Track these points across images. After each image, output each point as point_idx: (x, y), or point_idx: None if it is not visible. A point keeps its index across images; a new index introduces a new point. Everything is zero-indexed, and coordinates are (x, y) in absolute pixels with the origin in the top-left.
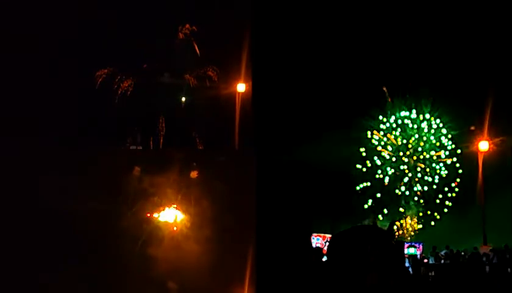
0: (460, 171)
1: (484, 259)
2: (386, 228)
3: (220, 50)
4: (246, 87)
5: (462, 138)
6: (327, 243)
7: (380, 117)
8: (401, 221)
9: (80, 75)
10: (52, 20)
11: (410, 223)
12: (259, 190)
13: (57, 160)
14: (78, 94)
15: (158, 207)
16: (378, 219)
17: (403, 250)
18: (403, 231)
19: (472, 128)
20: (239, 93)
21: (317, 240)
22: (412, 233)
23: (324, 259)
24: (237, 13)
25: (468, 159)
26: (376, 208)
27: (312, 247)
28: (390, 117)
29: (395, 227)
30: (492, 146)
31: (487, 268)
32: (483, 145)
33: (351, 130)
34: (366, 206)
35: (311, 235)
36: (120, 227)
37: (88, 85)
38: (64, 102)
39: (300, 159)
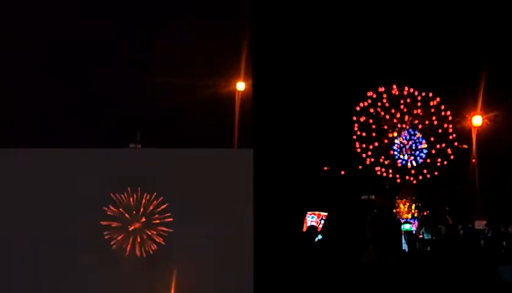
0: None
1: (479, 233)
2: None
3: (220, 49)
4: (246, 86)
5: (456, 112)
6: (322, 221)
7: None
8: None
9: (80, 74)
10: (52, 20)
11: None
12: (258, 187)
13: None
14: (78, 94)
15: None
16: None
17: (400, 228)
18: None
19: None
20: (238, 91)
21: (312, 218)
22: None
23: (318, 238)
24: (237, 12)
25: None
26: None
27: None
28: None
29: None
30: (485, 121)
31: (482, 242)
32: (477, 120)
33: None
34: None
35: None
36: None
37: (88, 84)
38: (64, 102)
39: (299, 157)
